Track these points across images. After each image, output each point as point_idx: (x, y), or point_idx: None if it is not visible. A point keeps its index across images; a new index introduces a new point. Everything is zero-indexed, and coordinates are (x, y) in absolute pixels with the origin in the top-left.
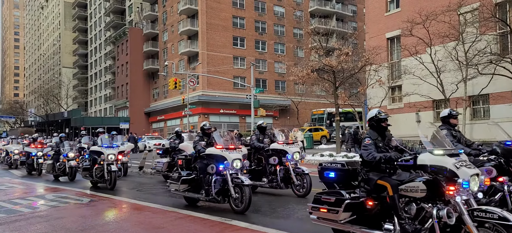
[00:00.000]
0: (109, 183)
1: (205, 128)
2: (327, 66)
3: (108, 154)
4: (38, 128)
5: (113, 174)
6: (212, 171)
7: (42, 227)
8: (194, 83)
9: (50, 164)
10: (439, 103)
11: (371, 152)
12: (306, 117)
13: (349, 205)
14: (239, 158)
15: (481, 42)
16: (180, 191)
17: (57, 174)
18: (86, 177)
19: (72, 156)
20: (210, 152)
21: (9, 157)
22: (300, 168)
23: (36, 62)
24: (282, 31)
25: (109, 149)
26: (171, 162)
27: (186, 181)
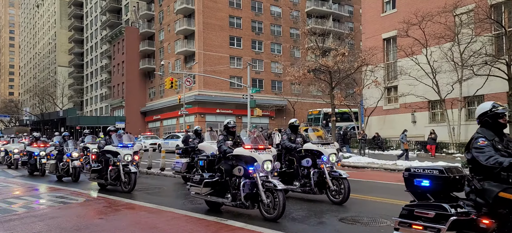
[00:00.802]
0: (127, 185)
1: (230, 126)
2: (323, 67)
3: (125, 154)
4: (33, 127)
5: (132, 176)
6: (239, 174)
7: (37, 227)
8: (191, 82)
9: (53, 164)
10: (434, 103)
11: (492, 155)
12: (302, 117)
13: (455, 222)
14: (270, 160)
15: (476, 43)
16: (202, 195)
17: (61, 174)
18: (94, 179)
19: (76, 156)
20: (238, 152)
21: (8, 156)
22: (337, 172)
23: (31, 61)
24: (278, 31)
25: (125, 149)
26: (190, 163)
27: (209, 184)
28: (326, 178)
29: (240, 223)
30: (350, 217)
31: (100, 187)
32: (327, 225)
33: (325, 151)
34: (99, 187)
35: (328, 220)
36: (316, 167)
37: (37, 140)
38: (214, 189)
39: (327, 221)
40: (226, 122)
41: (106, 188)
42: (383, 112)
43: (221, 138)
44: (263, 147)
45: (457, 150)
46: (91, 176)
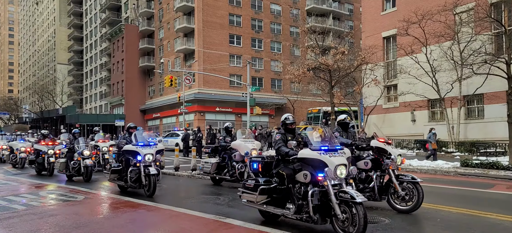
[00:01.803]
0: (148, 188)
1: (288, 122)
2: (323, 65)
3: (146, 154)
4: (32, 124)
5: (151, 179)
6: (305, 180)
7: (36, 224)
8: (190, 81)
9: (63, 163)
10: (434, 102)
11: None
12: (302, 116)
13: (263, 190)
14: (344, 164)
15: (476, 42)
16: (257, 204)
17: (71, 174)
18: (114, 180)
19: (88, 154)
20: (304, 155)
21: (14, 155)
22: (407, 175)
23: (31, 58)
24: (278, 29)
25: (146, 148)
26: (220, 163)
27: (266, 191)
28: (393, 182)
29: (238, 221)
30: None
31: (120, 189)
32: None
33: (392, 150)
34: (119, 189)
35: None
36: (378, 168)
37: (45, 137)
38: (271, 197)
39: None
40: (284, 117)
41: (127, 191)
42: (383, 111)
43: (278, 137)
44: None
45: (456, 149)
46: (111, 177)
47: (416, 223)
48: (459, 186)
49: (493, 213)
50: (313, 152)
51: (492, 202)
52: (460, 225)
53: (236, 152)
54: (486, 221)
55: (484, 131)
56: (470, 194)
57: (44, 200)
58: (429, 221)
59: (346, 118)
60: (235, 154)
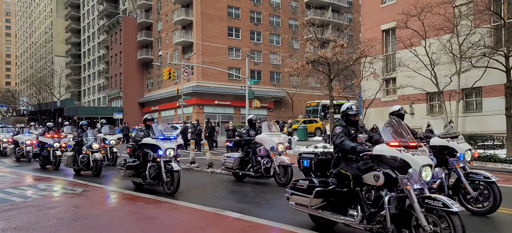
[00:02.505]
0: (169, 185)
1: (351, 113)
2: (322, 58)
3: (167, 148)
4: (30, 117)
5: (175, 175)
6: (375, 182)
7: (34, 217)
8: (189, 73)
9: (71, 156)
10: (432, 95)
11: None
12: (300, 109)
13: (319, 192)
14: (430, 164)
15: (475, 35)
16: (312, 208)
17: (80, 168)
18: (129, 177)
19: (97, 148)
20: (382, 152)
21: (20, 148)
22: (480, 174)
23: (28, 50)
24: (277, 22)
25: (167, 142)
26: (244, 158)
27: (322, 194)
28: (463, 183)
29: (237, 213)
30: None
31: (136, 186)
32: None
33: (460, 147)
34: (134, 186)
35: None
36: (443, 166)
37: (50, 130)
38: (328, 201)
39: None
40: (346, 107)
41: (143, 188)
42: (381, 104)
43: (339, 130)
44: (414, 144)
45: None
46: (126, 173)
47: None
48: None
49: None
50: (391, 149)
51: None
52: None
53: (261, 146)
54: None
55: (482, 124)
56: None
57: (42, 193)
58: None
59: (401, 109)
60: (260, 149)
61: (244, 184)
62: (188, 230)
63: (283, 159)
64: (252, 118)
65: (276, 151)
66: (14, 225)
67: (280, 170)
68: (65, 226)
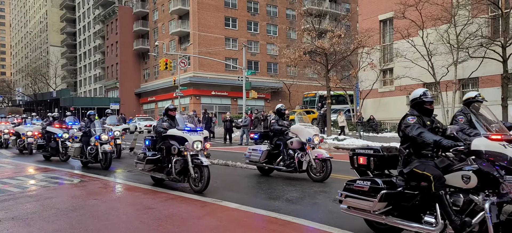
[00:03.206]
0: (197, 181)
1: (426, 100)
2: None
3: (194, 141)
4: (26, 107)
5: (204, 171)
6: (464, 185)
7: (32, 207)
8: (185, 64)
9: (78, 148)
10: (429, 86)
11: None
12: (297, 99)
13: (386, 195)
14: None
15: (472, 25)
16: (374, 212)
17: (88, 160)
18: (149, 171)
19: (106, 139)
20: (489, 148)
21: (21, 140)
22: None
23: (23, 40)
24: (274, 12)
25: (194, 134)
26: (272, 151)
27: (388, 196)
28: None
29: (235, 204)
30: None
31: (155, 181)
32: (320, 205)
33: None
34: (153, 181)
35: (321, 201)
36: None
37: (56, 120)
38: (394, 205)
39: (320, 201)
40: (420, 93)
41: (162, 183)
42: (378, 95)
43: (413, 120)
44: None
45: None
46: (146, 168)
47: None
48: None
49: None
50: (495, 144)
51: None
52: None
53: (294, 138)
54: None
55: None
56: None
57: (39, 183)
58: None
59: (479, 95)
60: (292, 141)
61: (269, 178)
62: (186, 219)
63: (320, 152)
64: (281, 108)
65: (312, 143)
66: (11, 215)
67: (316, 165)
68: (63, 216)
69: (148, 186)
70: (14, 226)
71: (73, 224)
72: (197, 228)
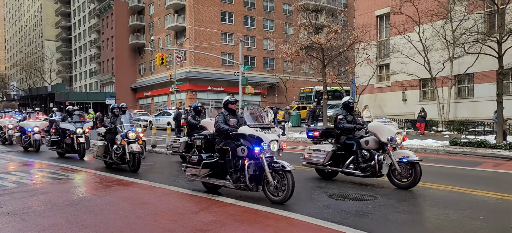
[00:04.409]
0: (277, 192)
1: None
2: (316, 44)
3: (271, 140)
4: (21, 102)
5: (287, 177)
6: None
7: (28, 202)
8: (181, 59)
9: (102, 147)
10: (425, 82)
11: None
12: (294, 95)
13: (205, 164)
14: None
15: (468, 21)
16: (202, 175)
17: (113, 161)
18: (204, 177)
19: (134, 138)
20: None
21: (27, 136)
22: None
23: (17, 34)
24: (271, 6)
25: (268, 133)
26: (337, 151)
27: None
28: None
29: (231, 199)
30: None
31: (208, 189)
32: (316, 200)
33: None
34: (206, 188)
35: (317, 196)
36: None
37: (71, 115)
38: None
39: (316, 197)
40: None
41: (216, 191)
42: (375, 90)
43: None
44: None
45: (445, 128)
46: (201, 173)
47: (405, 200)
48: (448, 164)
49: (479, 190)
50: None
51: (479, 180)
52: (447, 201)
53: (369, 136)
54: (472, 198)
55: (473, 110)
56: (458, 172)
57: (35, 178)
58: (417, 199)
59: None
60: (367, 140)
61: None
62: (182, 214)
63: (406, 153)
64: (350, 101)
65: (394, 143)
66: (7, 210)
67: (401, 168)
68: (59, 211)
69: (144, 181)
70: (9, 221)
71: (69, 219)
72: (193, 223)
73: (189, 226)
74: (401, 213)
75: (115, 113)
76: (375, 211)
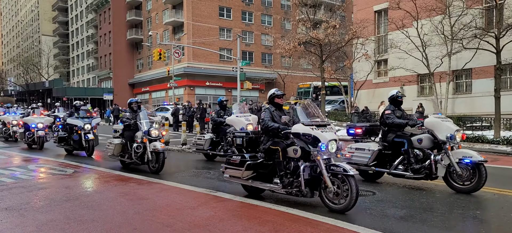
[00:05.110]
0: (339, 198)
1: None
2: (314, 39)
3: (329, 140)
4: (18, 98)
5: (350, 182)
6: None
7: (25, 197)
8: (179, 54)
9: (119, 145)
10: (423, 77)
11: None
12: (292, 90)
13: (249, 165)
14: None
15: (467, 16)
16: (245, 177)
17: (133, 161)
18: (246, 179)
19: (156, 135)
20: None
21: (30, 133)
22: None
23: (14, 29)
24: (269, 2)
25: (326, 131)
26: (383, 150)
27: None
28: None
29: (228, 194)
30: None
31: (250, 193)
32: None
33: None
34: (247, 192)
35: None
36: None
37: (78, 110)
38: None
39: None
40: None
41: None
42: (373, 86)
43: None
44: None
45: None
46: (244, 175)
47: (402, 195)
48: None
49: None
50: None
51: None
52: (445, 197)
53: (423, 134)
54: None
55: (471, 105)
56: None
57: (33, 174)
58: (413, 194)
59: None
60: (420, 138)
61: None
62: (180, 210)
63: (468, 153)
64: (397, 94)
65: (454, 142)
66: (5, 206)
67: (462, 170)
68: (57, 206)
69: (143, 176)
70: (7, 217)
71: (67, 215)
72: (191, 218)
73: (188, 221)
74: (398, 208)
75: (133, 109)
76: (372, 206)
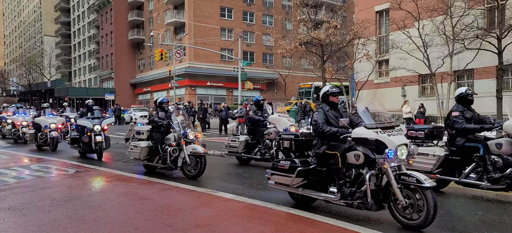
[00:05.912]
0: (412, 212)
1: None
2: (315, 40)
3: (398, 145)
4: (20, 98)
5: (427, 195)
6: None
7: (28, 197)
8: (181, 54)
9: (145, 148)
10: (424, 77)
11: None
12: (293, 90)
13: (300, 172)
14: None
15: (468, 17)
16: (295, 185)
17: (166, 165)
18: (296, 187)
19: (193, 138)
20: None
21: (43, 133)
22: None
23: (17, 30)
24: (270, 2)
25: (395, 135)
26: (451, 156)
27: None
28: None
29: (230, 194)
30: None
31: (298, 202)
32: None
33: None
34: (294, 201)
35: None
36: None
37: (91, 110)
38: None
39: None
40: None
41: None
42: (374, 86)
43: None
44: None
45: None
46: (294, 182)
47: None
48: None
49: (472, 188)
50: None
51: None
52: (445, 198)
53: (502, 138)
54: (473, 193)
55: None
56: None
57: (35, 173)
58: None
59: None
60: (499, 143)
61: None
62: (182, 210)
63: None
64: (468, 93)
65: None
66: (7, 205)
67: None
68: (59, 206)
69: (145, 177)
70: (10, 216)
71: (69, 214)
72: (192, 218)
73: (189, 221)
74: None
75: (164, 109)
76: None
